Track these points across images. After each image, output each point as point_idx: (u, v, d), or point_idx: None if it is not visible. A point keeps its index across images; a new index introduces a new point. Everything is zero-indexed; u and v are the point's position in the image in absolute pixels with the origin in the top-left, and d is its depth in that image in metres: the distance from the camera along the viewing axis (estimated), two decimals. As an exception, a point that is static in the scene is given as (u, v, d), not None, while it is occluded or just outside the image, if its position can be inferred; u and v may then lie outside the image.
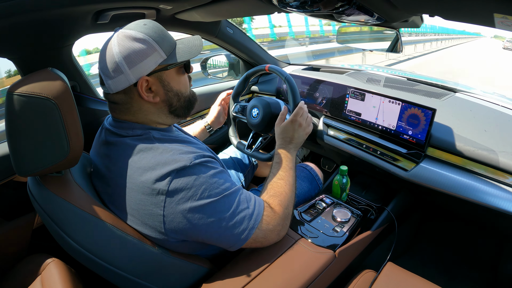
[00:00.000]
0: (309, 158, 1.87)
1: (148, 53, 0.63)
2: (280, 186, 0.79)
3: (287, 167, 0.84)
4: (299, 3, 0.78)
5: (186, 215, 0.60)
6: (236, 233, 0.65)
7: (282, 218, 0.73)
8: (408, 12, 0.77)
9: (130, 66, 0.62)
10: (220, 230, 0.63)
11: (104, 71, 0.64)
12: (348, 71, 1.51)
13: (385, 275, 0.81)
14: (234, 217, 0.64)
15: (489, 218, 1.10)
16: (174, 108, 0.72)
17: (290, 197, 0.78)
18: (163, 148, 0.63)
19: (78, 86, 1.08)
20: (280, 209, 0.73)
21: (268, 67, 1.11)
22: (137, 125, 0.68)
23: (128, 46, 0.61)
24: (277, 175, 0.82)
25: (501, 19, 0.52)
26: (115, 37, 0.63)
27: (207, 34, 1.39)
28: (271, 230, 0.71)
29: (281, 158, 0.86)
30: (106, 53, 0.63)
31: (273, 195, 0.76)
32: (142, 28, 0.64)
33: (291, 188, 0.81)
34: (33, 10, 0.68)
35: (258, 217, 0.68)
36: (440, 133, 0.96)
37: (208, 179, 0.63)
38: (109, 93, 0.67)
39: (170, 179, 0.59)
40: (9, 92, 0.55)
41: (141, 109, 0.68)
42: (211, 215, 0.62)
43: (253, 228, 0.66)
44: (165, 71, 0.67)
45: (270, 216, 0.71)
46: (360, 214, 1.04)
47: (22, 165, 0.58)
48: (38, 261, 0.76)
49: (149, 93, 0.67)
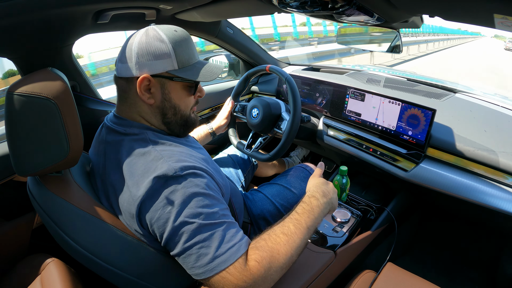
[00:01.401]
0: (309, 158, 1.87)
1: (161, 56, 0.63)
2: (277, 243, 0.62)
3: (303, 223, 0.67)
4: (299, 4, 0.78)
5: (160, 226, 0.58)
6: (194, 264, 0.57)
7: (253, 278, 0.56)
8: (408, 12, 0.77)
9: (138, 59, 0.63)
10: (183, 253, 0.57)
11: (121, 53, 0.66)
12: (348, 71, 1.51)
13: (385, 275, 0.81)
14: (196, 247, 0.56)
15: (489, 219, 1.10)
16: (168, 120, 0.70)
17: (284, 261, 0.61)
18: (154, 155, 0.62)
19: (78, 86, 1.08)
20: (257, 267, 0.57)
21: (269, 67, 1.11)
22: (135, 123, 0.68)
23: (147, 41, 0.63)
24: (285, 228, 0.65)
25: (501, 19, 0.52)
26: (146, 29, 0.65)
27: (207, 34, 1.39)
28: (232, 283, 0.56)
29: (304, 209, 0.70)
30: (131, 39, 0.65)
31: (260, 247, 0.60)
32: (170, 33, 0.65)
33: (292, 253, 0.62)
34: (33, 10, 0.68)
35: (223, 264, 0.56)
36: (440, 134, 0.96)
37: (188, 198, 0.57)
38: (116, 75, 0.68)
39: (150, 186, 0.58)
40: (9, 92, 0.55)
41: (136, 104, 0.68)
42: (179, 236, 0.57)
43: (214, 270, 0.56)
44: (170, 81, 0.67)
45: (238, 267, 0.56)
46: (360, 215, 1.04)
47: (21, 165, 0.58)
48: (37, 261, 0.76)
49: (147, 93, 0.66)
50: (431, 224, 1.47)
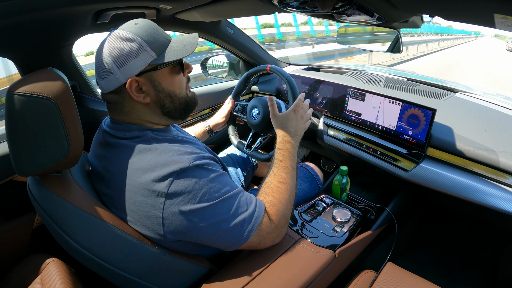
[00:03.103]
0: (309, 158, 1.87)
1: (136, 53, 0.62)
2: (280, 192, 0.75)
3: (289, 168, 0.79)
4: (299, 3, 0.78)
5: (185, 218, 0.60)
6: (234, 235, 0.65)
7: (278, 227, 0.72)
8: (409, 12, 0.77)
9: (119, 67, 0.62)
10: (218, 232, 0.63)
11: (97, 71, 0.64)
12: (348, 71, 1.51)
13: (385, 275, 0.81)
14: (233, 219, 0.64)
15: (489, 218, 1.10)
16: (167, 110, 0.71)
17: (290, 203, 0.75)
18: (162, 149, 0.63)
19: (78, 85, 1.08)
20: (277, 219, 0.72)
21: (269, 67, 1.11)
22: (133, 127, 0.68)
23: (116, 46, 0.61)
24: (278, 177, 0.77)
25: (502, 19, 0.52)
26: (108, 38, 0.63)
27: (207, 34, 1.39)
28: (265, 237, 0.70)
29: (284, 155, 0.80)
30: (98, 54, 0.63)
31: (271, 203, 0.73)
32: (133, 28, 0.63)
33: (292, 193, 0.77)
34: (33, 9, 0.68)
35: (257, 220, 0.67)
36: (440, 133, 0.96)
37: (208, 182, 0.62)
38: (103, 93, 0.68)
39: (170, 182, 0.59)
40: (9, 92, 0.55)
41: (134, 109, 0.68)
42: (210, 218, 0.62)
43: (251, 230, 0.66)
44: (156, 71, 0.66)
45: (266, 224, 0.70)
46: (360, 214, 1.04)
47: (22, 164, 0.58)
48: (38, 261, 0.76)
49: (140, 93, 0.66)
50: (431, 224, 1.47)
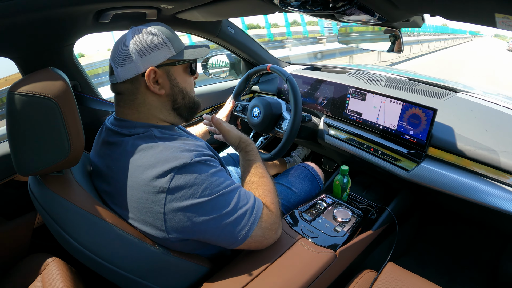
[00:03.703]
0: (310, 158, 1.87)
1: (159, 46, 0.67)
2: (266, 184, 0.79)
3: (261, 164, 0.85)
4: (300, 3, 0.77)
5: (186, 213, 0.61)
6: (237, 229, 0.65)
7: (277, 216, 0.75)
8: (409, 12, 0.77)
9: (141, 56, 0.65)
10: (221, 226, 0.64)
11: (115, 59, 0.66)
12: (349, 70, 1.51)
13: (386, 275, 0.81)
14: (235, 212, 0.65)
15: (490, 218, 1.10)
16: (177, 105, 0.74)
17: (276, 192, 0.80)
18: (163, 146, 0.64)
19: (79, 85, 1.08)
20: (274, 207, 0.75)
21: (269, 67, 1.11)
22: (138, 123, 0.69)
23: (141, 37, 0.66)
24: (257, 173, 0.82)
25: (502, 19, 0.52)
26: (131, 31, 0.68)
27: (208, 33, 1.39)
28: (269, 229, 0.72)
29: (253, 154, 0.87)
30: (120, 44, 0.67)
31: (263, 194, 0.76)
32: (156, 26, 0.69)
33: (274, 184, 0.82)
34: (34, 9, 0.68)
35: (258, 212, 0.69)
36: (441, 133, 0.96)
37: (208, 177, 0.63)
38: (116, 83, 0.68)
39: (171, 177, 0.60)
40: (10, 92, 0.55)
41: (145, 102, 0.69)
42: (212, 212, 0.63)
43: (254, 224, 0.67)
44: (173, 66, 0.70)
45: (267, 215, 0.72)
46: (361, 214, 1.03)
47: (23, 164, 0.58)
48: (38, 260, 0.76)
49: (156, 84, 0.69)
50: (432, 223, 1.47)
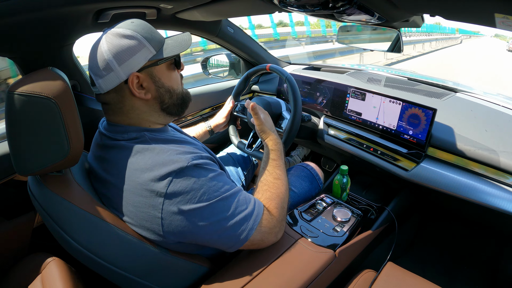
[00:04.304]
0: (310, 157, 1.87)
1: (137, 49, 0.63)
2: (277, 187, 0.78)
3: (282, 165, 0.83)
4: (300, 3, 0.77)
5: (184, 218, 0.60)
6: (235, 234, 0.65)
7: (279, 220, 0.74)
8: (409, 12, 0.77)
9: (119, 63, 0.62)
10: (219, 231, 0.63)
11: (94, 71, 0.63)
12: (348, 70, 1.51)
13: (385, 275, 0.81)
14: (233, 217, 0.64)
15: (490, 218, 1.10)
16: (166, 105, 0.71)
17: (286, 197, 0.78)
18: (159, 149, 0.63)
19: (78, 85, 1.08)
20: (277, 212, 0.73)
21: (269, 66, 1.11)
22: (131, 128, 0.67)
23: (116, 43, 0.61)
24: (274, 174, 0.80)
25: (502, 19, 0.52)
26: (104, 36, 0.63)
27: (207, 33, 1.39)
28: (268, 233, 0.71)
29: (277, 154, 0.85)
30: (95, 53, 0.63)
31: (270, 197, 0.75)
32: (130, 26, 0.64)
33: (287, 188, 0.80)
34: (34, 9, 0.68)
35: (257, 218, 0.67)
36: (440, 133, 0.96)
37: (206, 181, 0.62)
38: (100, 93, 0.66)
39: (169, 181, 0.59)
40: (9, 92, 0.55)
41: (133, 108, 0.67)
42: (210, 217, 0.62)
43: (252, 229, 0.66)
44: (156, 67, 0.67)
45: (268, 220, 0.70)
46: (361, 214, 1.03)
47: (22, 164, 0.58)
48: (38, 260, 0.76)
49: (141, 89, 0.66)
50: (432, 223, 1.47)
